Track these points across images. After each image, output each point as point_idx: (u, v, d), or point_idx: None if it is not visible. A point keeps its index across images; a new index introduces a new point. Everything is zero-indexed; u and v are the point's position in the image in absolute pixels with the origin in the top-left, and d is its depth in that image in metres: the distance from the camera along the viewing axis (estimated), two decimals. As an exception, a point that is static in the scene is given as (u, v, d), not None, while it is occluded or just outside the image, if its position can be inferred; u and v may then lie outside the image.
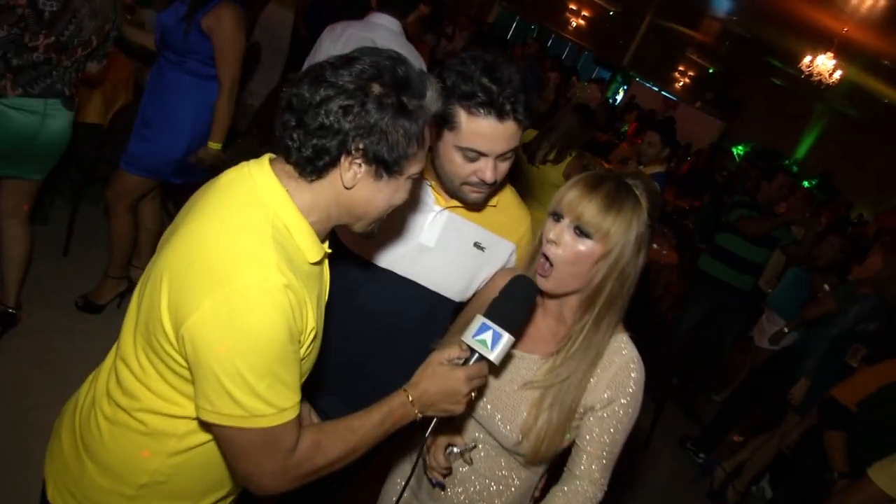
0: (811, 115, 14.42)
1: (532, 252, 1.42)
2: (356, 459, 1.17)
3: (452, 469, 1.47)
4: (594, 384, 1.35)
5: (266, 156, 1.13)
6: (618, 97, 15.46)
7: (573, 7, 16.91)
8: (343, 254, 1.48)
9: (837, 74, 9.44)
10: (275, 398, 1.02)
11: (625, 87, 15.85)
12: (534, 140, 3.87)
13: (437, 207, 1.53)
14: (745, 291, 4.64)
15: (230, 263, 1.00)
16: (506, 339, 1.19)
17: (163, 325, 1.04)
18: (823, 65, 9.44)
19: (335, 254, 1.22)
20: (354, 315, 1.56)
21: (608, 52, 16.25)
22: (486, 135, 1.34)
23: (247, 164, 1.12)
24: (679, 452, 4.42)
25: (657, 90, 16.16)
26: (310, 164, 1.05)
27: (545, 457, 1.37)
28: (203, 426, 1.11)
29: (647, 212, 1.30)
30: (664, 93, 16.21)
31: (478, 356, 1.20)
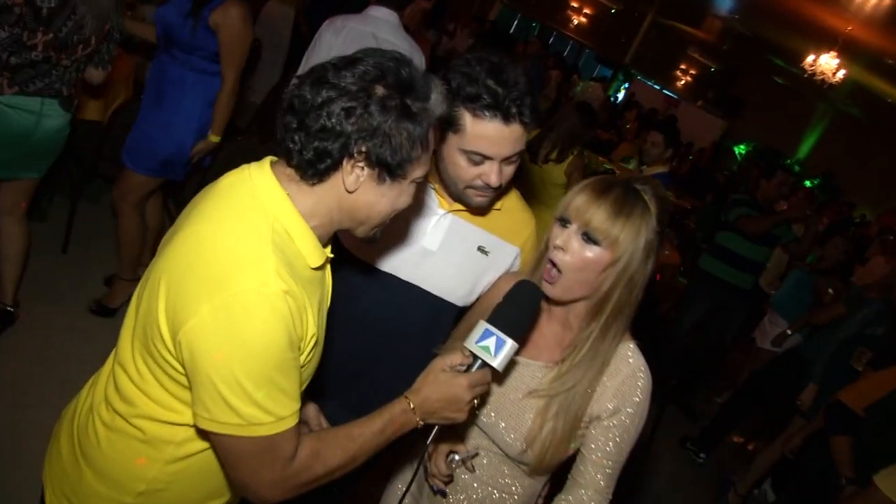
0: (813, 115, 14.38)
1: (538, 257, 1.40)
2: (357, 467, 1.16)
3: (454, 477, 1.45)
4: (600, 393, 1.33)
5: (267, 158, 1.11)
6: (619, 95, 15.41)
7: (575, 5, 16.85)
8: (345, 258, 1.46)
9: (841, 74, 9.41)
10: (273, 406, 1.00)
11: (626, 86, 15.80)
12: (535, 138, 3.85)
13: (441, 211, 1.51)
14: (746, 290, 4.63)
15: (228, 268, 0.98)
16: (509, 346, 1.17)
17: (160, 331, 1.02)
18: (827, 64, 9.41)
19: (336, 258, 1.20)
20: (356, 320, 1.54)
21: (610, 50, 16.20)
22: (492, 138, 1.32)
23: (248, 167, 1.10)
24: (679, 452, 4.41)
25: (659, 88, 16.12)
26: (311, 168, 1.03)
27: (550, 466, 1.36)
28: (201, 433, 1.09)
29: (657, 218, 1.28)
30: (666, 91, 16.16)
31: (481, 363, 1.19)
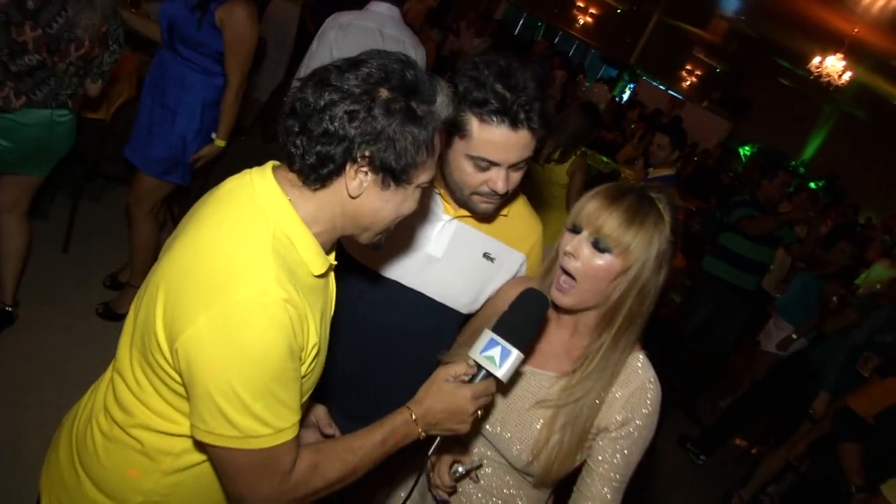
0: (818, 117, 14.33)
1: (548, 265, 1.37)
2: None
3: (456, 488, 1.43)
4: (609, 404, 1.30)
5: (269, 163, 1.09)
6: (624, 96, 15.37)
7: (580, 4, 16.80)
8: (347, 263, 1.44)
9: (847, 76, 9.35)
10: (272, 418, 0.98)
11: (631, 86, 15.75)
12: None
13: (446, 217, 1.48)
14: (749, 291, 4.62)
15: (227, 275, 0.96)
16: (514, 356, 1.15)
17: (157, 340, 1.00)
18: (833, 66, 9.35)
19: (339, 263, 1.18)
20: (359, 326, 1.52)
21: (615, 51, 16.16)
22: (499, 144, 1.29)
23: (249, 172, 1.08)
24: (679, 452, 4.39)
25: (664, 89, 16.07)
26: (313, 172, 1.00)
27: (556, 478, 1.33)
28: (199, 445, 1.06)
29: (670, 227, 1.25)
30: (671, 92, 16.11)
31: (485, 373, 1.16)
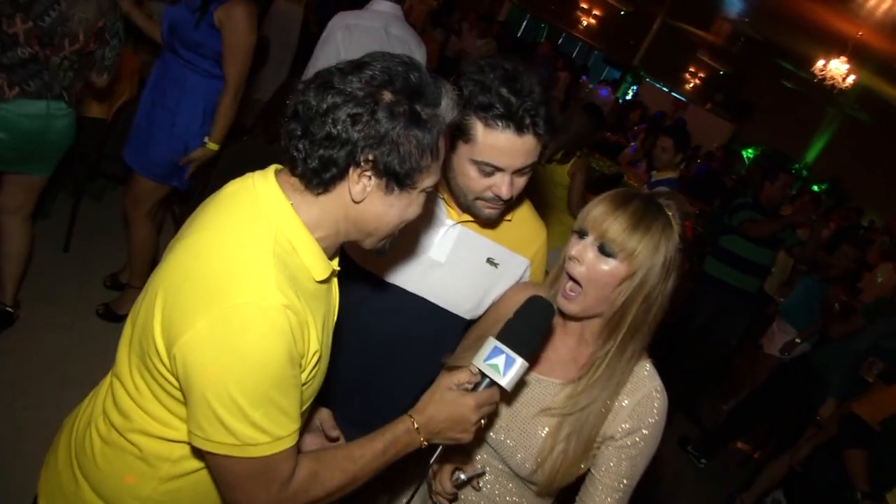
0: (822, 119, 14.30)
1: (555, 273, 1.35)
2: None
3: (458, 496, 1.41)
4: (615, 413, 1.29)
5: (272, 167, 1.08)
6: (627, 97, 15.34)
7: (584, 6, 16.78)
8: (350, 268, 1.42)
9: (851, 79, 9.32)
10: (270, 426, 0.96)
11: (635, 88, 15.73)
12: None
13: (450, 221, 1.46)
14: (751, 293, 4.61)
15: (227, 280, 0.94)
16: (519, 365, 1.13)
17: (155, 344, 0.99)
18: (837, 69, 9.32)
19: (341, 268, 1.16)
20: (360, 332, 1.50)
21: (619, 52, 16.14)
22: (504, 149, 1.27)
23: (251, 176, 1.06)
24: (681, 456, 4.37)
25: (667, 91, 16.05)
26: (316, 177, 0.99)
27: (559, 487, 1.31)
28: (198, 451, 1.05)
29: (679, 235, 1.22)
30: (674, 94, 16.09)
31: (489, 381, 1.14)
